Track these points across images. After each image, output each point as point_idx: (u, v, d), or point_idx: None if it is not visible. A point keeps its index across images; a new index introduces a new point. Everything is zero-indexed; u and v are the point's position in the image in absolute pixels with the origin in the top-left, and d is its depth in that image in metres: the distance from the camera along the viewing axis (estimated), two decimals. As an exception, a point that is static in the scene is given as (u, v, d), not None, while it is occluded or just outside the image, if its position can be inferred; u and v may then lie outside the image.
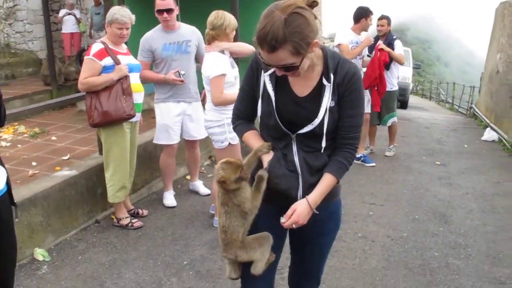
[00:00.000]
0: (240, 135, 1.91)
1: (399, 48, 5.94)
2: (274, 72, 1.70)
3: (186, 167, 4.84)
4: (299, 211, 1.70)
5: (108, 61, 3.54)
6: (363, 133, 5.98)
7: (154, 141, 4.32)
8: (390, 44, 5.82)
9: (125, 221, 3.89)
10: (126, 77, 3.57)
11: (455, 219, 4.27)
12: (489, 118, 9.06)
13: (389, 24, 5.97)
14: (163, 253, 3.47)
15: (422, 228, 4.03)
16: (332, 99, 1.68)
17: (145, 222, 4.02)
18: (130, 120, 3.68)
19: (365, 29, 5.75)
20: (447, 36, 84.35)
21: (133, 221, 3.91)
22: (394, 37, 5.96)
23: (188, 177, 4.97)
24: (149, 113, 7.51)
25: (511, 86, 8.00)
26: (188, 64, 4.16)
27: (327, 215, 1.85)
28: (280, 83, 1.74)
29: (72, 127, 6.67)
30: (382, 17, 6.00)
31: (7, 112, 6.17)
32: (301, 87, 1.73)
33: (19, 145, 5.95)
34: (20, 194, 3.36)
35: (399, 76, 13.75)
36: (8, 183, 1.91)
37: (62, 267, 3.27)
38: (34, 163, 5.13)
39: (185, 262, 3.32)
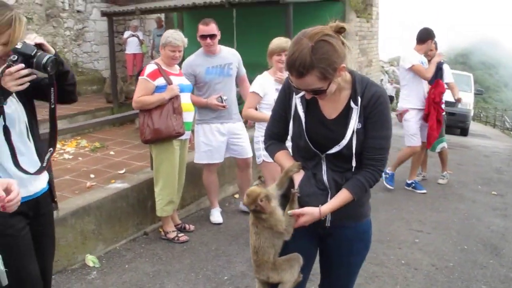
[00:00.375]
0: (271, 155, 1.98)
1: (448, 73, 5.82)
2: (304, 95, 1.77)
3: (238, 186, 4.92)
4: (307, 210, 1.75)
5: (160, 81, 3.75)
6: (414, 160, 5.86)
7: (195, 161, 4.43)
8: (440, 69, 5.71)
9: (171, 235, 4.03)
10: (177, 97, 3.75)
11: (507, 252, 4.08)
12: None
13: (436, 48, 5.85)
14: (205, 268, 3.56)
15: (470, 259, 3.89)
16: (359, 121, 1.73)
17: (191, 237, 4.15)
18: (180, 138, 3.84)
19: (428, 51, 5.65)
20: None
21: (180, 235, 4.05)
22: (442, 61, 5.84)
23: (237, 195, 5.07)
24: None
25: None
26: (230, 87, 4.34)
27: (356, 235, 1.88)
28: (310, 105, 1.81)
29: (130, 143, 7.01)
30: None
31: (71, 125, 6.62)
32: (330, 110, 1.79)
33: (80, 158, 6.34)
34: (75, 203, 3.60)
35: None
36: (50, 183, 2.07)
37: (110, 274, 3.44)
38: (92, 176, 5.45)
39: (225, 277, 3.40)
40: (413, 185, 5.78)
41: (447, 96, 14.25)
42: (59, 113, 8.73)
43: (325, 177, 1.80)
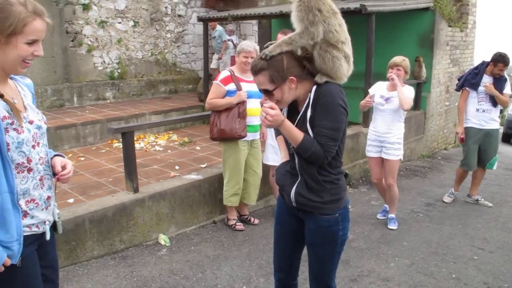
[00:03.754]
0: (275, 136, 2.43)
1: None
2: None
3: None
4: (275, 112, 1.96)
5: (231, 86, 4.19)
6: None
7: (263, 161, 4.79)
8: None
9: (231, 222, 4.50)
10: (243, 102, 4.17)
11: None
12: None
13: None
14: (260, 257, 3.91)
15: (528, 281, 3.80)
16: (311, 110, 2.05)
17: (253, 229, 4.53)
18: (246, 139, 4.28)
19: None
20: None
21: (237, 224, 4.50)
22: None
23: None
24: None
25: None
26: None
27: (318, 228, 2.17)
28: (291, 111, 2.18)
29: (214, 140, 7.58)
30: (508, 63, 5.45)
31: (165, 119, 7.39)
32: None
33: (169, 151, 7.00)
34: (153, 188, 4.16)
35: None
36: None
37: (177, 252, 3.94)
38: (177, 167, 6.04)
39: (276, 268, 3.72)
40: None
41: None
42: (155, 108, 9.60)
43: (297, 165, 2.16)
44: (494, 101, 5.40)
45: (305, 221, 2.25)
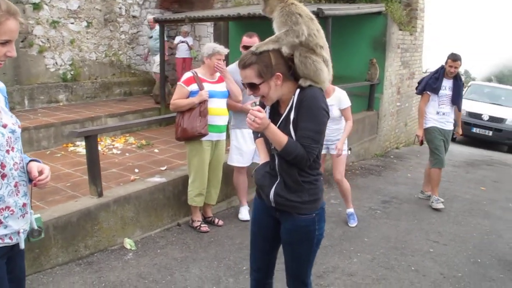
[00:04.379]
0: (254, 139, 2.47)
1: None
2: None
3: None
4: (263, 115, 2.04)
5: (194, 87, 4.27)
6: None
7: (228, 162, 4.85)
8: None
9: (196, 224, 4.53)
10: (205, 102, 4.24)
11: (521, 268, 4.20)
12: None
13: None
14: (228, 258, 3.95)
15: (480, 271, 4.05)
16: (294, 113, 2.13)
17: (218, 230, 4.56)
18: (210, 139, 4.34)
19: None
20: None
21: (202, 225, 4.53)
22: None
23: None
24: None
25: None
26: None
27: (295, 227, 2.24)
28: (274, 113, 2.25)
29: (173, 142, 7.46)
30: (457, 58, 5.66)
31: (120, 123, 7.22)
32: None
33: (127, 154, 6.90)
34: (117, 192, 4.10)
35: (507, 118, 12.92)
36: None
37: (144, 256, 3.91)
38: (136, 170, 5.97)
39: (244, 268, 3.77)
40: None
41: (495, 111, 13.89)
42: (111, 111, 9.40)
43: (277, 166, 2.22)
44: (451, 104, 5.71)
45: (282, 221, 2.30)
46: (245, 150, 4.70)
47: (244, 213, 4.93)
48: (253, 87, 2.12)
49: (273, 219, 2.34)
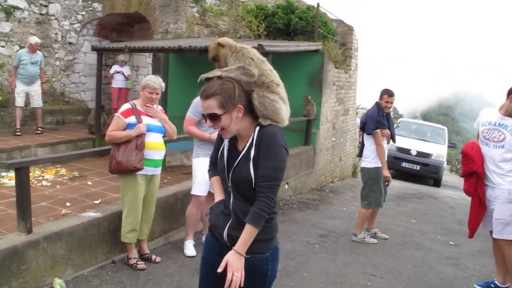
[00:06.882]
0: (209, 178, 2.43)
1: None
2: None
3: (201, 219, 5.16)
4: (230, 261, 2.05)
5: (132, 119, 4.18)
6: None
7: (192, 193, 4.76)
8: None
9: (132, 261, 4.32)
10: (142, 135, 4.15)
11: (451, 298, 4.38)
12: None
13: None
14: (166, 297, 3.79)
15: (415, 303, 4.18)
16: (254, 151, 2.12)
17: (156, 268, 4.38)
18: (145, 173, 4.23)
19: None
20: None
21: (139, 262, 4.33)
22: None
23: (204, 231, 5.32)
24: (180, 169, 8.06)
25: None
26: None
27: (249, 267, 2.13)
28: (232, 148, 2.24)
29: (108, 174, 7.07)
30: (393, 94, 5.87)
31: (55, 155, 6.86)
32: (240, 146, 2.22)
33: (58, 186, 6.55)
34: (49, 228, 3.84)
35: (432, 153, 13.63)
36: None
37: (75, 298, 3.65)
38: (68, 204, 5.67)
39: (184, 307, 3.63)
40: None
41: (422, 147, 14.68)
42: (42, 140, 8.97)
43: (231, 204, 2.19)
44: (387, 140, 5.93)
45: None
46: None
47: (191, 249, 4.79)
48: (214, 118, 2.10)
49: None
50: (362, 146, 6.04)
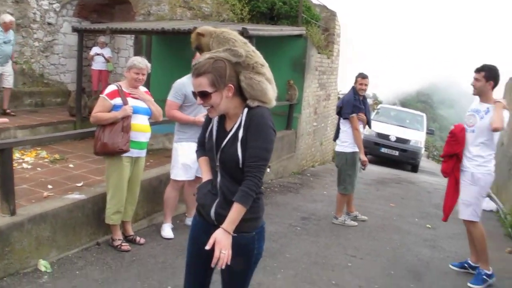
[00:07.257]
0: (197, 158, 2.44)
1: None
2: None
3: (185, 202, 5.20)
4: (218, 238, 2.09)
5: (118, 101, 4.15)
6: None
7: (172, 177, 4.77)
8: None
9: (116, 243, 4.35)
10: (128, 117, 4.13)
11: (428, 278, 4.54)
12: (491, 189, 9.27)
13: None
14: (151, 277, 3.83)
15: (394, 282, 4.32)
16: (243, 131, 2.15)
17: (140, 249, 4.41)
18: (131, 155, 4.22)
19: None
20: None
21: (123, 244, 4.35)
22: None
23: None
24: (162, 152, 8.04)
25: (511, 159, 8.29)
26: None
27: (235, 246, 2.16)
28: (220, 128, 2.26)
29: (90, 157, 7.18)
30: (366, 76, 5.98)
31: (32, 137, 6.76)
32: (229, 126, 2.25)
33: (38, 168, 6.48)
34: (33, 210, 3.83)
35: (411, 139, 13.84)
36: None
37: (61, 279, 3.66)
38: (50, 186, 5.63)
39: (169, 287, 3.68)
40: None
41: (400, 133, 14.88)
42: (21, 122, 8.81)
43: (218, 183, 2.23)
44: (363, 125, 6.03)
45: None
46: (191, 164, 4.64)
47: (168, 231, 4.82)
48: (205, 96, 2.11)
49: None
50: (337, 130, 6.13)
